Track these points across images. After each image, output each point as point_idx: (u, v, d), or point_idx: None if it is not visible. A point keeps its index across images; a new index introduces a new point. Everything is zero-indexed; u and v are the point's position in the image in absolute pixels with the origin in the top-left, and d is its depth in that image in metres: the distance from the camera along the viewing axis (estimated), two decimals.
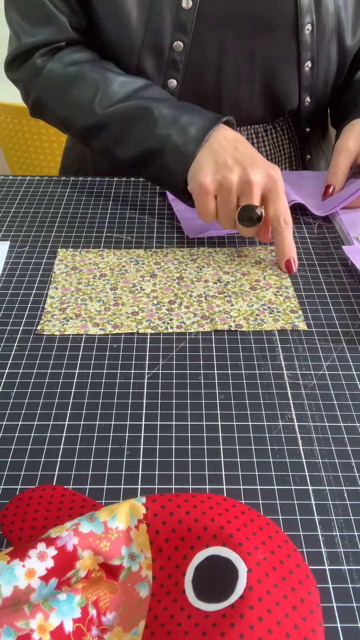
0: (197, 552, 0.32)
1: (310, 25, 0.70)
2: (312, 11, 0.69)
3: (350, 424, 0.44)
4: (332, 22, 0.71)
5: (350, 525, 0.38)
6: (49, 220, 0.68)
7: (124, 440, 0.43)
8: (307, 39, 0.71)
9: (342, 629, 0.33)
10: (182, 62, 0.70)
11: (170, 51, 0.69)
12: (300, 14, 0.68)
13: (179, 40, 0.68)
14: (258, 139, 0.81)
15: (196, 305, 0.55)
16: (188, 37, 0.68)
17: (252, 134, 0.80)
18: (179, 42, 0.68)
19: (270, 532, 0.35)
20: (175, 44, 0.68)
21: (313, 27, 0.70)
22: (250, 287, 0.58)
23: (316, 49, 0.72)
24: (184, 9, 0.66)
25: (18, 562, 0.31)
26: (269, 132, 0.81)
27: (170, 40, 0.68)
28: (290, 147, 0.85)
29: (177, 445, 0.43)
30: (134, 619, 0.31)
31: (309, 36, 0.71)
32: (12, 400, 0.46)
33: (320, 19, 0.70)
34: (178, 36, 0.68)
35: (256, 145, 0.81)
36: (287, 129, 0.83)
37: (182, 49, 0.68)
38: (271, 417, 0.45)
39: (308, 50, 0.72)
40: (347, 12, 0.72)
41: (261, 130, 0.81)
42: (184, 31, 0.67)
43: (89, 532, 0.33)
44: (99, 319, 0.54)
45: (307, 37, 0.71)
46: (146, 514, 0.34)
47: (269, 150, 0.82)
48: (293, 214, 0.63)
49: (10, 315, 0.54)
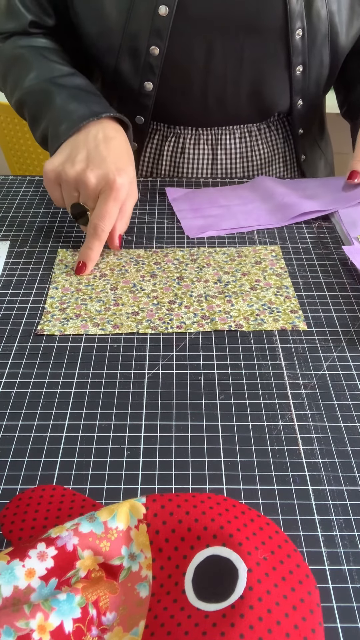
0: (197, 552, 0.32)
1: (301, 30, 0.69)
2: (302, 16, 0.68)
3: (350, 424, 0.44)
4: (325, 27, 0.70)
5: (350, 525, 0.38)
6: (49, 220, 0.68)
7: (124, 440, 0.43)
8: (298, 44, 0.70)
9: (342, 629, 0.33)
10: (158, 66, 0.70)
11: (147, 55, 0.70)
12: (290, 19, 0.68)
13: (155, 45, 0.69)
14: (252, 138, 0.81)
15: (196, 305, 0.55)
16: (164, 43, 0.68)
17: (244, 132, 0.80)
18: (155, 47, 0.69)
19: (270, 532, 0.35)
20: (151, 48, 0.69)
21: (304, 32, 0.69)
22: (250, 287, 0.58)
23: (307, 53, 0.72)
24: (160, 15, 0.66)
25: (18, 562, 0.31)
26: (262, 132, 0.81)
27: (146, 44, 0.69)
28: (285, 147, 0.84)
29: (177, 445, 0.43)
30: (134, 619, 0.31)
31: (299, 41, 0.70)
32: (12, 400, 0.46)
33: (312, 24, 0.69)
34: (154, 41, 0.68)
35: (249, 144, 0.81)
36: (281, 129, 0.83)
37: (157, 54, 0.69)
38: (271, 417, 0.45)
39: (299, 55, 0.71)
40: (340, 17, 0.71)
41: (254, 129, 0.80)
42: (160, 37, 0.68)
43: (89, 532, 0.33)
44: (99, 319, 0.54)
45: (298, 42, 0.70)
46: (146, 514, 0.34)
47: (262, 150, 0.82)
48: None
49: (10, 315, 0.54)
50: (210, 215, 0.68)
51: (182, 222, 0.67)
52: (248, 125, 0.80)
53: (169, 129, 0.80)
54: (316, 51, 0.72)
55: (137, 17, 0.67)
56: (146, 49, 0.69)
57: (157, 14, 0.66)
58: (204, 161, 0.81)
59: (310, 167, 0.87)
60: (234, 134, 0.80)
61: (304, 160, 0.85)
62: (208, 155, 0.80)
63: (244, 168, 0.82)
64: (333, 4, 0.69)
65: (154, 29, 0.67)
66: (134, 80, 0.72)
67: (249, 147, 0.81)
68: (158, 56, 0.69)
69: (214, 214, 0.69)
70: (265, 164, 0.83)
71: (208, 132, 0.79)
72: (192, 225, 0.67)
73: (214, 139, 0.80)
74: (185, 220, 0.68)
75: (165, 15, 0.66)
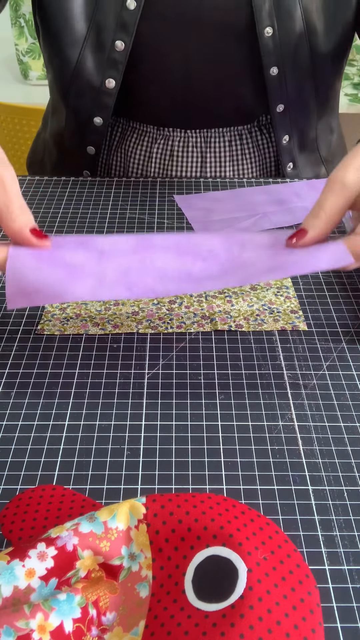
0: (197, 552, 0.32)
1: (270, 29, 0.67)
2: (272, 15, 0.66)
3: (350, 424, 0.44)
4: (299, 27, 0.68)
5: (350, 525, 0.38)
6: (49, 220, 0.68)
7: (124, 440, 0.43)
8: (268, 43, 0.68)
9: (342, 629, 0.33)
10: (122, 62, 0.69)
11: (111, 50, 0.68)
12: (257, 16, 0.66)
13: (120, 39, 0.68)
14: (242, 142, 0.79)
15: (196, 305, 0.55)
16: (130, 38, 0.67)
17: (235, 135, 0.79)
18: (120, 41, 0.68)
19: (270, 532, 0.35)
20: (116, 42, 0.68)
21: (274, 30, 0.67)
22: (250, 287, 0.58)
23: (281, 54, 0.69)
24: (127, 8, 0.66)
25: (18, 562, 0.31)
26: (253, 135, 0.80)
27: (112, 38, 0.68)
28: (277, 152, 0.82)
29: (177, 445, 0.43)
30: (134, 619, 0.31)
31: (269, 40, 0.68)
32: (12, 400, 0.46)
33: (282, 22, 0.67)
34: (119, 35, 0.67)
35: (239, 148, 0.79)
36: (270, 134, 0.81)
37: (122, 49, 0.68)
38: (271, 417, 0.45)
39: (271, 55, 0.69)
40: (318, 16, 0.68)
41: (245, 132, 0.79)
42: (126, 31, 0.67)
43: (89, 532, 0.33)
44: (99, 319, 0.54)
45: (268, 41, 0.68)
46: (146, 514, 0.34)
47: (253, 154, 0.80)
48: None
49: (10, 315, 0.54)
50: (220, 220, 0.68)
51: (193, 225, 0.67)
52: (238, 128, 0.79)
53: (158, 130, 0.79)
54: (291, 52, 0.70)
55: (103, 8, 0.66)
56: (111, 42, 0.68)
57: (125, 7, 0.66)
58: (193, 164, 0.80)
59: (303, 178, 0.84)
60: (224, 136, 0.79)
61: (292, 169, 0.81)
62: (197, 158, 0.79)
63: (233, 172, 0.81)
64: (310, 3, 0.67)
65: (120, 22, 0.66)
66: (97, 77, 0.71)
67: (239, 150, 0.80)
68: (123, 51, 0.68)
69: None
70: (256, 169, 0.82)
71: (197, 135, 0.78)
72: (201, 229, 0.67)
73: (203, 142, 0.79)
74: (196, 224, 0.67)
75: (133, 9, 0.66)
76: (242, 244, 0.44)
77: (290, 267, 0.41)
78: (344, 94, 1.54)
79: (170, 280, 0.41)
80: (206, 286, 0.40)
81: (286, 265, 0.41)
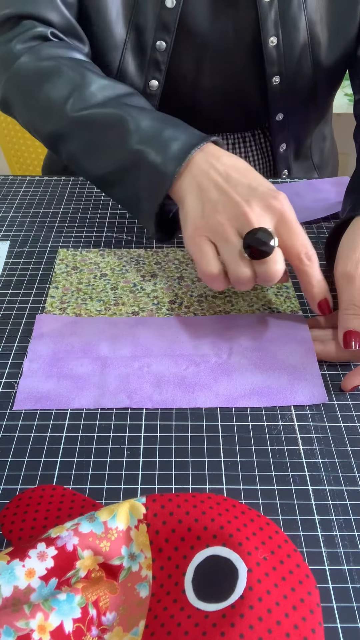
0: (197, 552, 0.32)
1: (275, 39, 0.68)
2: (277, 25, 0.67)
3: (350, 424, 0.44)
4: (303, 37, 0.68)
5: (350, 525, 0.38)
6: (49, 220, 0.68)
7: (124, 440, 0.43)
8: (272, 53, 0.69)
9: (342, 629, 0.33)
10: (165, 62, 0.69)
11: (153, 51, 0.68)
12: (262, 25, 0.66)
13: (162, 39, 0.67)
14: (245, 146, 0.79)
15: (196, 305, 0.55)
16: (171, 37, 0.67)
17: (238, 139, 0.79)
18: (162, 41, 0.67)
19: (270, 532, 0.35)
20: (157, 43, 0.68)
21: (279, 40, 0.68)
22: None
23: (284, 64, 0.70)
24: (167, 7, 0.65)
25: (18, 562, 0.31)
26: (257, 140, 0.80)
27: (152, 39, 0.67)
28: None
29: (177, 445, 0.43)
30: (134, 619, 0.31)
31: (273, 49, 0.68)
32: (12, 400, 0.46)
33: (287, 32, 0.68)
34: (161, 35, 0.67)
35: (243, 152, 0.80)
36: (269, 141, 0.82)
37: (164, 49, 0.68)
38: (271, 417, 0.45)
39: (274, 64, 0.70)
40: (322, 27, 0.69)
41: (249, 135, 0.79)
42: (167, 31, 0.67)
43: (89, 532, 0.33)
44: None
45: (272, 51, 0.68)
46: (146, 514, 0.34)
47: (257, 159, 0.81)
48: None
49: (10, 315, 0.54)
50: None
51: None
52: (243, 132, 0.79)
53: None
54: (294, 62, 0.70)
55: (143, 10, 0.66)
56: (152, 43, 0.68)
57: (164, 6, 0.65)
58: None
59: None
60: (227, 139, 0.79)
61: (286, 176, 0.82)
62: None
63: None
64: (314, 13, 0.68)
65: (160, 22, 0.66)
66: (140, 79, 0.71)
67: (242, 154, 0.80)
68: (164, 51, 0.68)
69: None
70: (261, 173, 0.82)
71: None
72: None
73: None
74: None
75: (172, 7, 0.65)
76: (229, 348, 0.50)
77: (270, 397, 0.46)
78: (343, 93, 1.54)
79: (166, 384, 0.47)
80: (197, 399, 0.46)
81: (268, 394, 0.47)
